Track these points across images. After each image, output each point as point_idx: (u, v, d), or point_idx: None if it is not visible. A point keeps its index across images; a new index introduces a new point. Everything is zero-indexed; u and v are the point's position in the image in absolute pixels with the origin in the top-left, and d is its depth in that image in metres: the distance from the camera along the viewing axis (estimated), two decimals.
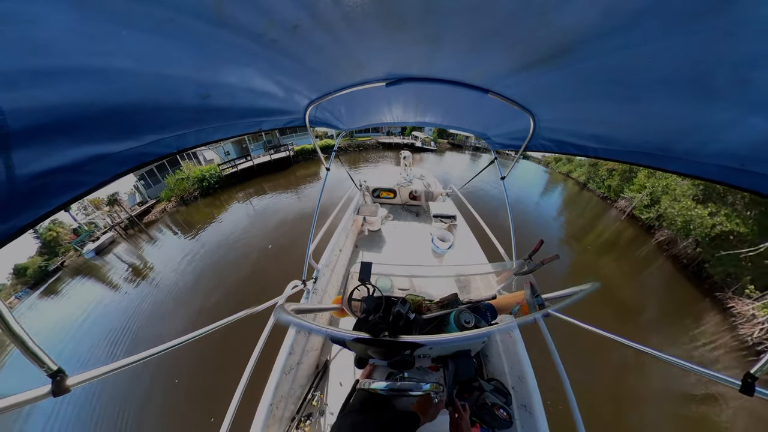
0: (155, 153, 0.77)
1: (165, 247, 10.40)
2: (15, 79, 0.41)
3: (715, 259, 7.64)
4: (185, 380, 4.72)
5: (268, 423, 1.22)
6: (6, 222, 0.49)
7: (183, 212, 13.29)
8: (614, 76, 0.71)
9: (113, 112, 0.59)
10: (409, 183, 4.56)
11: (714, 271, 7.52)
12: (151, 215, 13.88)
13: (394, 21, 0.63)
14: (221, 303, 6.43)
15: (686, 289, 7.46)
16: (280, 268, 7.18)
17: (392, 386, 1.01)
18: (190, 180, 14.31)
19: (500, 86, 1.08)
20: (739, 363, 5.36)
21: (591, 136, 1.16)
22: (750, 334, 5.59)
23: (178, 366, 4.86)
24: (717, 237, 8.10)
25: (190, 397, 4.49)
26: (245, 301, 3.74)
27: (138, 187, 15.54)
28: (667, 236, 9.62)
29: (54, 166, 0.54)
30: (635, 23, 0.49)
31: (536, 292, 1.18)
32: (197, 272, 7.82)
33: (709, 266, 7.68)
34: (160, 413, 4.40)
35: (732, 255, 7.37)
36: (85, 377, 0.59)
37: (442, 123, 2.23)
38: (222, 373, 4.44)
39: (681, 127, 0.77)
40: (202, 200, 14.14)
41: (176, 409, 4.39)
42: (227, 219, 11.36)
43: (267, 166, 16.53)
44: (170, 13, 0.47)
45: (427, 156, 23.62)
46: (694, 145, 0.79)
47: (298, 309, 1.40)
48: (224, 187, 14.99)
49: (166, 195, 14.34)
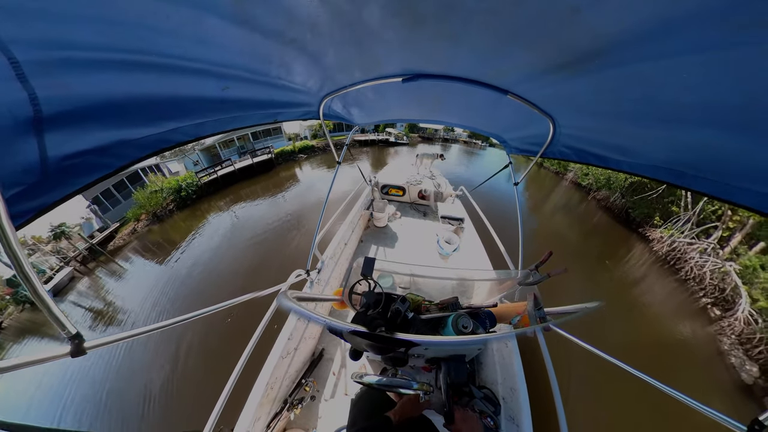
0: (174, 140, 0.80)
1: (137, 277, 8.32)
2: (49, 68, 0.45)
3: (635, 205, 11.11)
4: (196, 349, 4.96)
5: (262, 401, 1.29)
6: (40, 198, 0.54)
7: (157, 231, 11.20)
8: (647, 92, 0.65)
9: (137, 101, 0.63)
10: (420, 182, 4.53)
11: (635, 213, 11.04)
12: (118, 239, 11.44)
13: (413, 17, 0.61)
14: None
15: (619, 230, 10.69)
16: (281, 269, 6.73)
17: (383, 381, 1.03)
18: (164, 192, 12.56)
19: (521, 88, 1.04)
20: (657, 271, 8.02)
21: (615, 147, 1.09)
22: (660, 249, 8.82)
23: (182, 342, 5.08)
24: (630, 187, 11.67)
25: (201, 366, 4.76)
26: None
27: (96, 210, 12.68)
28: (602, 195, 13.47)
29: (83, 149, 0.58)
30: (680, 28, 0.43)
31: (539, 304, 1.16)
32: (178, 307, 6.19)
33: (632, 211, 11.25)
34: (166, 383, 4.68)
35: (643, 198, 10.93)
36: (100, 342, 0.65)
37: (458, 122, 2.18)
38: (222, 354, 4.64)
39: (722, 154, 0.69)
40: (179, 214, 12.29)
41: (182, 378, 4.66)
42: (211, 233, 9.59)
43: (249, 170, 15.56)
44: (194, 12, 0.49)
45: (401, 149, 25.46)
46: (737, 169, 0.70)
47: (300, 297, 1.44)
48: (203, 196, 13.41)
49: (134, 214, 12.12)
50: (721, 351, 5.37)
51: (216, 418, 1.08)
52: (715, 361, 5.13)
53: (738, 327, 5.70)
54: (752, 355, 5.09)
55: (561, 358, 4.34)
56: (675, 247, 8.49)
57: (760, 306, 5.66)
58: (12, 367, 0.54)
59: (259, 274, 6.99)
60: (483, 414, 1.15)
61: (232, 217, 10.93)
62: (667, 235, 8.89)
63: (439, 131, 34.45)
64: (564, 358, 4.29)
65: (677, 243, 8.50)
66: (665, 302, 6.62)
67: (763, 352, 5.07)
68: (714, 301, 6.69)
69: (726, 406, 4.48)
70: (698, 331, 5.80)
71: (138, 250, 10.24)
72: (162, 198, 12.61)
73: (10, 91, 0.43)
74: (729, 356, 5.18)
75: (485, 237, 3.01)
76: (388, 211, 3.96)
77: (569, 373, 4.37)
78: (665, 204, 10.03)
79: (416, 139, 32.33)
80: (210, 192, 13.80)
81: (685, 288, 7.41)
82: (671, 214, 9.49)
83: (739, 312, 5.89)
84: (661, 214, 9.86)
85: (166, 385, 4.61)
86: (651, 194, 10.69)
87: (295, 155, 18.96)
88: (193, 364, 4.84)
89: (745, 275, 6.52)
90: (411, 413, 0.80)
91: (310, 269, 1.97)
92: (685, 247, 8.31)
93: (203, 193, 13.60)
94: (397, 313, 1.02)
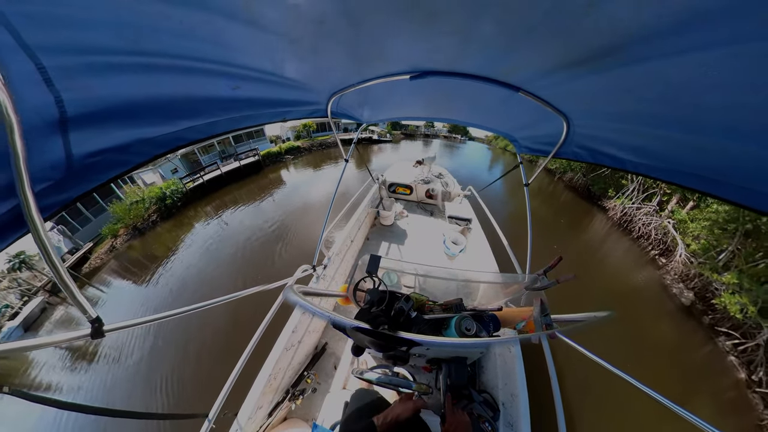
0: (189, 138, 0.83)
1: (119, 300, 7.36)
2: (72, 72, 0.48)
3: (594, 181, 13.02)
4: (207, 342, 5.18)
5: (264, 391, 1.33)
6: (65, 192, 0.58)
7: (138, 247, 9.93)
8: (668, 93, 0.62)
9: (153, 101, 0.65)
10: (427, 181, 4.48)
11: (594, 189, 12.97)
12: (94, 260, 10.17)
13: (422, 13, 0.60)
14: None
15: (583, 204, 12.63)
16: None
17: (383, 379, 1.05)
18: (146, 201, 11.50)
19: (533, 86, 1.00)
20: (611, 233, 9.94)
21: (632, 149, 1.03)
22: (614, 216, 10.79)
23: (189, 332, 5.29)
24: (589, 166, 13.22)
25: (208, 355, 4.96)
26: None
27: (63, 230, 11.06)
28: (568, 177, 15.40)
29: (104, 147, 0.61)
30: (712, 19, 0.40)
31: (546, 311, 1.14)
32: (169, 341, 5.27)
33: (592, 187, 13.16)
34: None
35: (599, 175, 12.84)
36: (118, 325, 0.70)
37: (468, 121, 2.14)
38: (230, 344, 4.80)
39: (752, 159, 0.64)
40: (163, 224, 11.20)
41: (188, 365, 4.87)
42: (200, 242, 8.67)
43: (237, 173, 15.09)
44: (204, 15, 0.50)
45: (385, 146, 26.10)
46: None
47: (306, 291, 1.47)
48: (189, 203, 12.50)
49: (111, 230, 10.82)
50: (666, 286, 7.21)
51: (221, 402, 1.14)
52: (663, 294, 6.96)
53: (678, 268, 7.54)
54: (688, 286, 6.99)
55: (565, 367, 4.24)
56: (626, 213, 10.45)
57: (693, 249, 7.44)
58: (38, 345, 0.59)
59: (259, 276, 6.73)
60: (481, 418, 1.14)
61: (234, 219, 10.13)
62: (619, 204, 10.82)
63: (420, 128, 35.46)
64: (568, 366, 4.24)
65: (627, 209, 10.46)
66: (623, 257, 8.46)
67: (697, 283, 6.89)
68: (660, 252, 8.60)
69: (675, 322, 6.10)
70: (649, 275, 7.64)
71: (117, 270, 8.87)
72: (144, 209, 11.45)
73: (38, 94, 0.46)
74: (672, 289, 7.07)
75: (493, 238, 2.96)
76: (395, 209, 3.96)
77: (573, 382, 4.27)
78: (617, 179, 11.84)
79: (399, 136, 33.01)
80: (197, 197, 12.91)
81: (638, 245, 9.24)
82: (622, 186, 11.32)
83: (678, 256, 7.71)
84: (614, 187, 11.68)
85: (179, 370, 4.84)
86: (605, 171, 12.39)
87: (282, 156, 18.89)
88: (206, 351, 5.05)
89: (680, 228, 8.37)
90: (399, 415, 0.77)
91: (316, 264, 2.01)
92: (634, 212, 10.22)
93: (189, 199, 12.66)
94: (400, 311, 1.03)
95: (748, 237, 6.51)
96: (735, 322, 5.69)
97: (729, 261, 6.56)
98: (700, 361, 5.42)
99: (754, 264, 6.07)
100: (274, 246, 7.95)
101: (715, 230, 6.88)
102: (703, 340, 5.84)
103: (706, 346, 5.73)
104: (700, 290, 6.71)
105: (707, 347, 5.70)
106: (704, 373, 5.19)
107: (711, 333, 5.93)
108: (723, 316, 5.87)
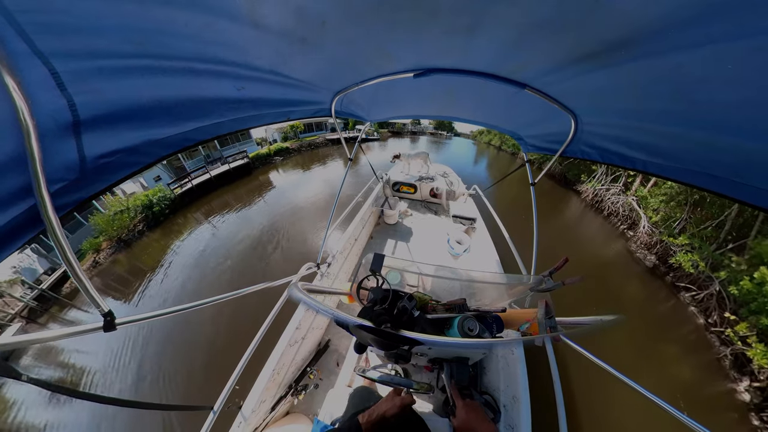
0: (196, 139, 0.85)
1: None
2: (84, 76, 0.50)
3: (568, 169, 14.33)
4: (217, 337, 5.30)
5: (268, 385, 1.36)
6: (79, 192, 0.60)
7: (123, 260, 9.15)
8: (682, 88, 0.59)
9: (161, 103, 0.67)
10: (432, 180, 4.46)
11: (569, 175, 14.41)
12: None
13: (426, 10, 0.60)
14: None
15: (559, 191, 14.00)
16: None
17: (384, 377, 1.06)
18: (132, 211, 10.86)
19: (540, 82, 0.97)
20: (586, 213, 11.46)
21: (642, 147, 0.99)
22: (587, 198, 12.33)
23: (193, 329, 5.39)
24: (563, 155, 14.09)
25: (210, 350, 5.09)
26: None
27: (37, 249, 9.84)
28: (546, 166, 16.06)
29: (115, 148, 0.63)
30: (729, 9, 0.38)
31: (550, 313, 1.12)
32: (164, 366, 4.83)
33: (567, 174, 14.54)
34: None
35: (572, 162, 13.72)
36: (129, 319, 0.72)
37: (473, 118, 2.12)
38: (235, 340, 4.88)
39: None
40: (150, 234, 10.51)
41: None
42: (195, 246, 8.21)
43: (227, 176, 14.69)
44: (208, 18, 0.51)
45: (372, 144, 26.39)
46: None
47: (310, 288, 1.49)
48: (178, 209, 11.88)
49: (93, 244, 9.94)
50: (632, 251, 8.68)
51: (226, 395, 1.17)
52: (630, 260, 8.32)
53: (643, 238, 8.83)
54: (652, 252, 8.31)
55: (569, 370, 4.21)
56: (597, 194, 11.82)
57: (654, 221, 8.94)
58: (51, 337, 0.62)
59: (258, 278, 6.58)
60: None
61: (224, 224, 9.52)
62: (590, 187, 12.32)
63: (407, 125, 35.73)
64: (572, 369, 4.20)
65: (597, 191, 11.84)
66: (596, 233, 10.00)
67: (659, 249, 8.18)
68: (628, 226, 9.98)
69: (643, 283, 7.29)
70: (620, 246, 9.02)
71: (100, 288, 7.95)
72: (129, 218, 10.75)
73: (52, 98, 0.48)
74: (638, 254, 8.47)
75: (497, 238, 2.93)
76: (399, 208, 3.95)
77: (577, 387, 4.20)
78: (588, 165, 13.21)
79: (386, 134, 32.77)
80: (186, 203, 12.31)
81: (609, 221, 10.62)
82: (592, 171, 12.74)
83: (642, 228, 9.07)
84: (587, 172, 13.15)
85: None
86: (574, 158, 14.08)
87: (272, 158, 18.74)
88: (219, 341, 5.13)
89: (642, 204, 9.80)
90: (386, 412, 0.73)
91: (320, 262, 2.03)
92: (603, 193, 11.60)
93: (177, 206, 12.03)
94: (403, 310, 1.03)
95: (696, 206, 8.28)
96: (693, 278, 6.88)
97: (684, 228, 8.17)
98: (666, 312, 6.48)
99: (703, 228, 7.70)
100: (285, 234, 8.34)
101: (671, 203, 8.70)
102: (668, 296, 6.97)
103: (670, 300, 6.85)
104: (662, 255, 8.00)
105: (671, 301, 6.81)
106: (670, 322, 6.20)
107: (673, 289, 7.13)
108: (682, 274, 7.11)
